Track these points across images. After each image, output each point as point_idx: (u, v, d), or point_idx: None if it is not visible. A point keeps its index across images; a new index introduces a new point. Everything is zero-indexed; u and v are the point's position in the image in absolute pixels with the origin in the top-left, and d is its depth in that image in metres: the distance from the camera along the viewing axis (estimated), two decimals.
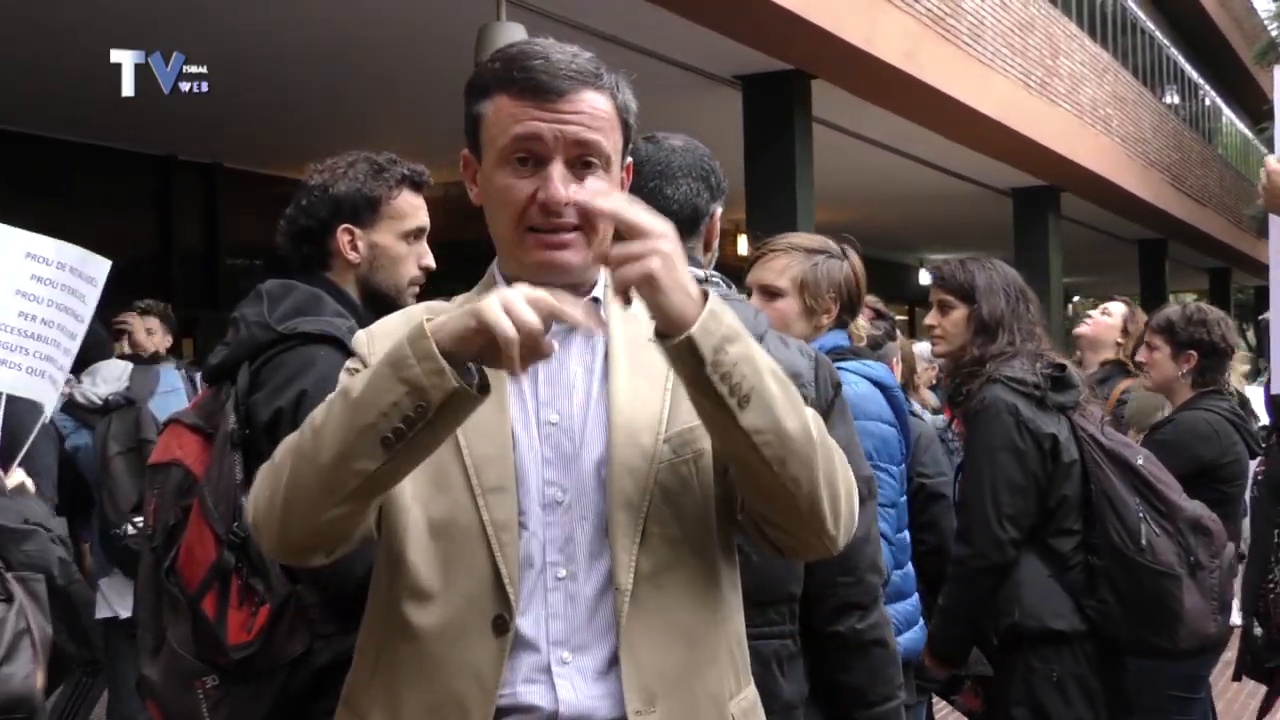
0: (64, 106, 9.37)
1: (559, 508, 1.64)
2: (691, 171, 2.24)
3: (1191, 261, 25.82)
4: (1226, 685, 7.14)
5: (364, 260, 2.59)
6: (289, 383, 2.35)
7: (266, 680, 2.32)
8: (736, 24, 8.49)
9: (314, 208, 2.57)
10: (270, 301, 2.48)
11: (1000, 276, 3.45)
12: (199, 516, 2.40)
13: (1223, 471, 4.04)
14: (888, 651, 2.30)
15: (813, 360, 2.24)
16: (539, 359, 1.46)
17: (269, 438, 2.29)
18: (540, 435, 1.66)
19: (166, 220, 11.88)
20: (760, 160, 9.99)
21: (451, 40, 7.45)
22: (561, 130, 1.61)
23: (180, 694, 2.40)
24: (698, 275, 2.21)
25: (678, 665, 1.63)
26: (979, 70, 12.10)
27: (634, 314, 1.71)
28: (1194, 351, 4.12)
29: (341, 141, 3.13)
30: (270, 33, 8.04)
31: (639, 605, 1.60)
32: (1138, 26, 19.90)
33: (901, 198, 16.03)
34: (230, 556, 2.34)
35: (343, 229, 2.56)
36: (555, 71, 1.63)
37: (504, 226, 1.67)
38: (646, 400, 1.67)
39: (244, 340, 2.46)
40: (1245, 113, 28.91)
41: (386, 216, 2.59)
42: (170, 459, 2.53)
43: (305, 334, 2.38)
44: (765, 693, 2.09)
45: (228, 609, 2.33)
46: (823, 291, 2.87)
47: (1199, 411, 4.09)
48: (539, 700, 1.60)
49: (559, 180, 1.61)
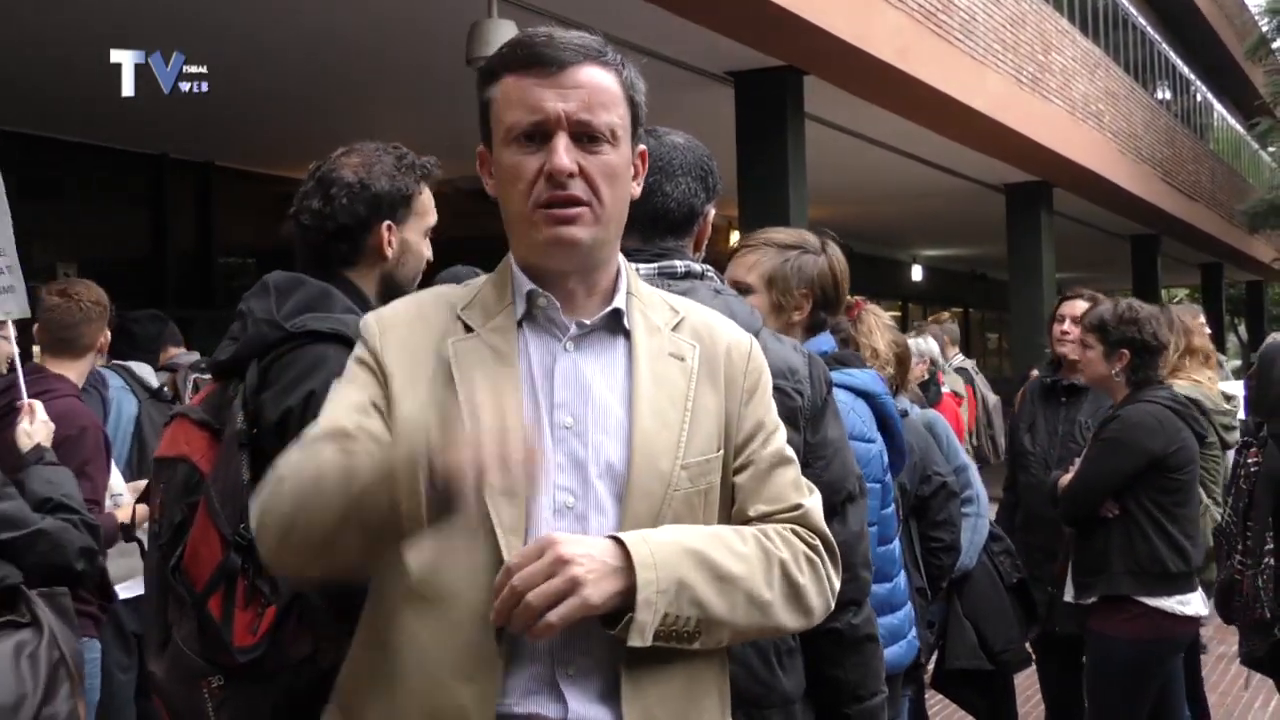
0: (57, 105, 9.35)
1: (570, 513, 1.62)
2: (691, 171, 2.24)
3: (1183, 257, 25.86)
4: (1220, 678, 7.17)
5: (395, 256, 2.54)
6: (298, 382, 2.30)
7: (272, 682, 2.28)
8: (729, 20, 8.49)
9: (354, 205, 2.49)
10: (278, 296, 2.42)
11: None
12: (205, 516, 2.36)
13: (1171, 460, 4.12)
14: (877, 646, 2.32)
15: (806, 357, 2.24)
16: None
17: (277, 437, 2.25)
18: (555, 438, 1.63)
19: (159, 219, 11.85)
20: (753, 156, 9.99)
21: (443, 37, 7.45)
22: (564, 103, 1.61)
23: (185, 692, 2.37)
24: (692, 269, 2.22)
25: (677, 692, 1.63)
26: (971, 66, 12.11)
27: (656, 325, 1.72)
28: (1126, 350, 4.20)
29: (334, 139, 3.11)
30: (262, 31, 8.03)
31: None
32: (1129, 22, 19.92)
33: (894, 194, 16.05)
34: (236, 558, 2.30)
35: (385, 226, 2.50)
36: (557, 45, 1.64)
37: (514, 205, 1.65)
38: (668, 421, 1.66)
39: (252, 337, 2.41)
40: (1237, 108, 28.96)
41: (414, 213, 2.55)
42: (177, 454, 2.48)
43: (315, 332, 2.34)
44: (765, 687, 2.10)
45: (234, 610, 2.30)
46: (792, 288, 2.80)
47: (1141, 405, 4.17)
48: (545, 710, 1.58)
49: (563, 151, 1.60)
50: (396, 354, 1.67)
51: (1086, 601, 4.20)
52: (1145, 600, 4.09)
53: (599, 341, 1.69)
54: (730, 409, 1.72)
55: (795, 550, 1.68)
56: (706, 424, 1.68)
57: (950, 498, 3.90)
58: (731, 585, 1.60)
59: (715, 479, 1.68)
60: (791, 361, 2.20)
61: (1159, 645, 4.14)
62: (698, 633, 1.58)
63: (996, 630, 4.59)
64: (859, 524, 2.27)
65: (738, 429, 1.72)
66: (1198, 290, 30.27)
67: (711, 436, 1.69)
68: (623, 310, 1.70)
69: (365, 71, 9.13)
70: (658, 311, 1.75)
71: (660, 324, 1.72)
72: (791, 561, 1.66)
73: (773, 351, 2.17)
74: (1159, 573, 4.08)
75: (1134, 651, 4.11)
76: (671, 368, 1.68)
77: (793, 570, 1.66)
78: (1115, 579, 4.11)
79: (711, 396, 1.71)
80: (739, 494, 1.72)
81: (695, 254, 2.30)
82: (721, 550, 1.61)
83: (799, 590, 1.67)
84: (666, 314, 1.75)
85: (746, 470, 1.72)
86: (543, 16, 7.62)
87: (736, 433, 1.72)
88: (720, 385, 1.72)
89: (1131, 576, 4.09)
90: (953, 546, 3.76)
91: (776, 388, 2.10)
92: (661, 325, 1.72)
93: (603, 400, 1.65)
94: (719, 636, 1.62)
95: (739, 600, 1.61)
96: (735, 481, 1.72)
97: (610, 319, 1.70)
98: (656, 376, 1.67)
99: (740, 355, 1.76)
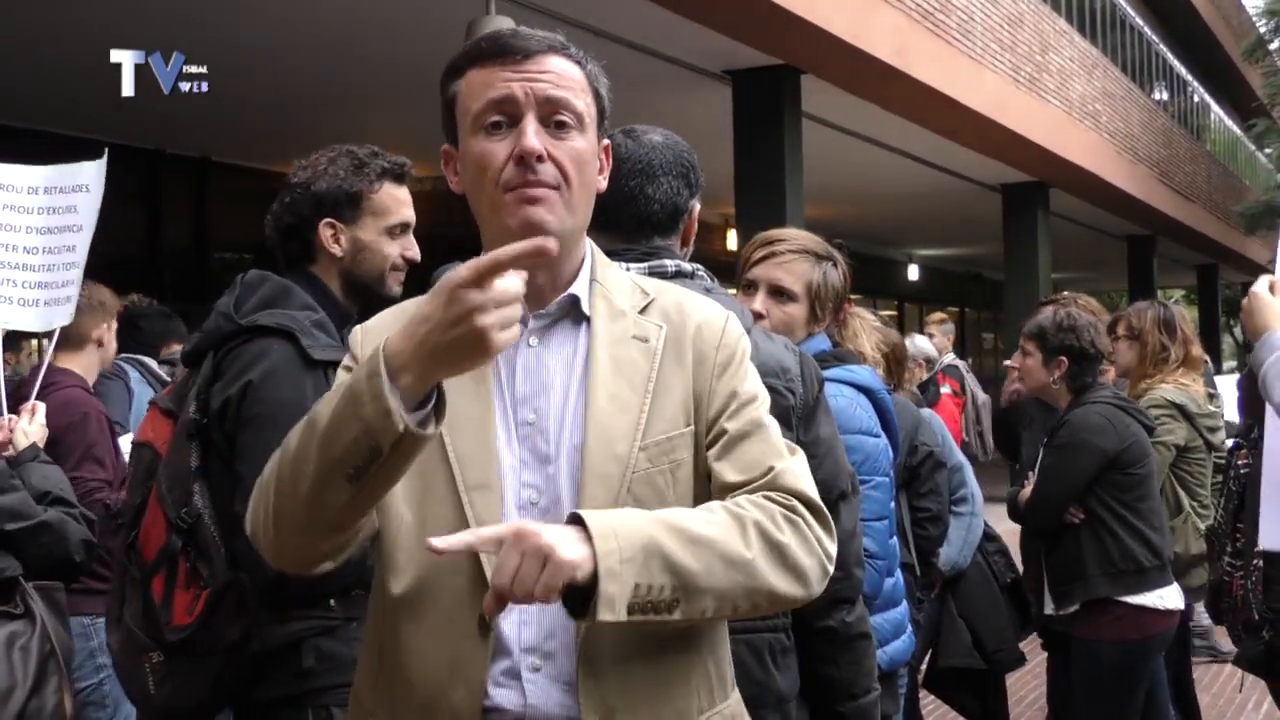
0: (52, 99, 9.34)
1: (534, 509, 1.62)
2: (672, 169, 2.23)
3: (1180, 258, 25.88)
4: (1213, 680, 7.18)
5: (346, 254, 2.63)
6: (240, 374, 2.42)
7: (206, 661, 2.39)
8: (726, 19, 8.49)
9: (297, 204, 2.63)
10: (244, 292, 2.55)
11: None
12: (155, 500, 2.49)
13: (1126, 456, 4.16)
14: (870, 644, 2.33)
15: (797, 356, 2.25)
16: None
17: (219, 428, 2.41)
18: (519, 435, 1.64)
19: (155, 215, 11.83)
20: (750, 155, 9.99)
21: (440, 34, 7.43)
22: (531, 86, 1.62)
23: (131, 666, 2.50)
24: (683, 269, 2.22)
25: (641, 681, 1.60)
26: (968, 66, 12.11)
27: (621, 310, 1.71)
28: (1064, 357, 4.26)
29: (331, 135, 3.13)
30: (259, 27, 8.02)
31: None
32: (1127, 23, 19.93)
33: (890, 193, 16.04)
34: (177, 540, 2.42)
35: (325, 224, 2.61)
36: (523, 36, 1.66)
37: (484, 194, 1.65)
38: (626, 404, 1.64)
39: (210, 330, 2.54)
40: (1234, 109, 28.98)
41: (369, 212, 2.64)
42: (143, 439, 2.64)
43: (263, 326, 2.45)
44: (759, 686, 2.11)
45: (175, 590, 2.42)
46: (827, 299, 2.86)
47: (1087, 408, 4.21)
48: (507, 703, 1.59)
49: (532, 134, 1.61)
50: None
51: (1067, 611, 4.21)
52: (1126, 600, 4.11)
53: (561, 331, 1.69)
54: (699, 385, 1.69)
55: (769, 511, 1.60)
56: (670, 404, 1.66)
57: (937, 467, 3.94)
58: (704, 547, 1.51)
59: (684, 456, 1.65)
60: (784, 360, 2.21)
61: (1146, 644, 4.16)
62: (675, 601, 1.49)
63: (990, 630, 4.61)
64: (852, 522, 2.28)
65: (709, 404, 1.68)
66: (1194, 291, 30.29)
67: (677, 415, 1.66)
68: (580, 297, 1.69)
69: (362, 68, 9.12)
70: (625, 296, 1.73)
71: (626, 308, 1.70)
72: (767, 520, 1.58)
73: (765, 350, 2.17)
74: (1134, 570, 4.10)
75: (1122, 653, 4.12)
76: (633, 350, 1.66)
77: (770, 529, 1.57)
78: (1092, 583, 4.12)
79: (677, 374, 1.68)
80: (714, 467, 1.67)
81: (682, 249, 2.30)
82: (687, 517, 1.55)
83: (782, 548, 1.57)
84: (636, 297, 1.73)
85: (719, 442, 1.67)
86: (541, 14, 7.62)
87: (708, 407, 1.68)
88: (687, 362, 1.69)
89: (1108, 578, 4.11)
90: (939, 516, 3.80)
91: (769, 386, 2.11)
92: (627, 309, 1.70)
93: (563, 391, 1.65)
94: (701, 605, 1.51)
95: (715, 562, 1.51)
96: (709, 455, 1.67)
97: (569, 307, 1.69)
98: (615, 360, 1.66)
99: (712, 331, 1.72)
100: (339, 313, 2.62)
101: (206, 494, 2.43)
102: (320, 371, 2.42)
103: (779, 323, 2.80)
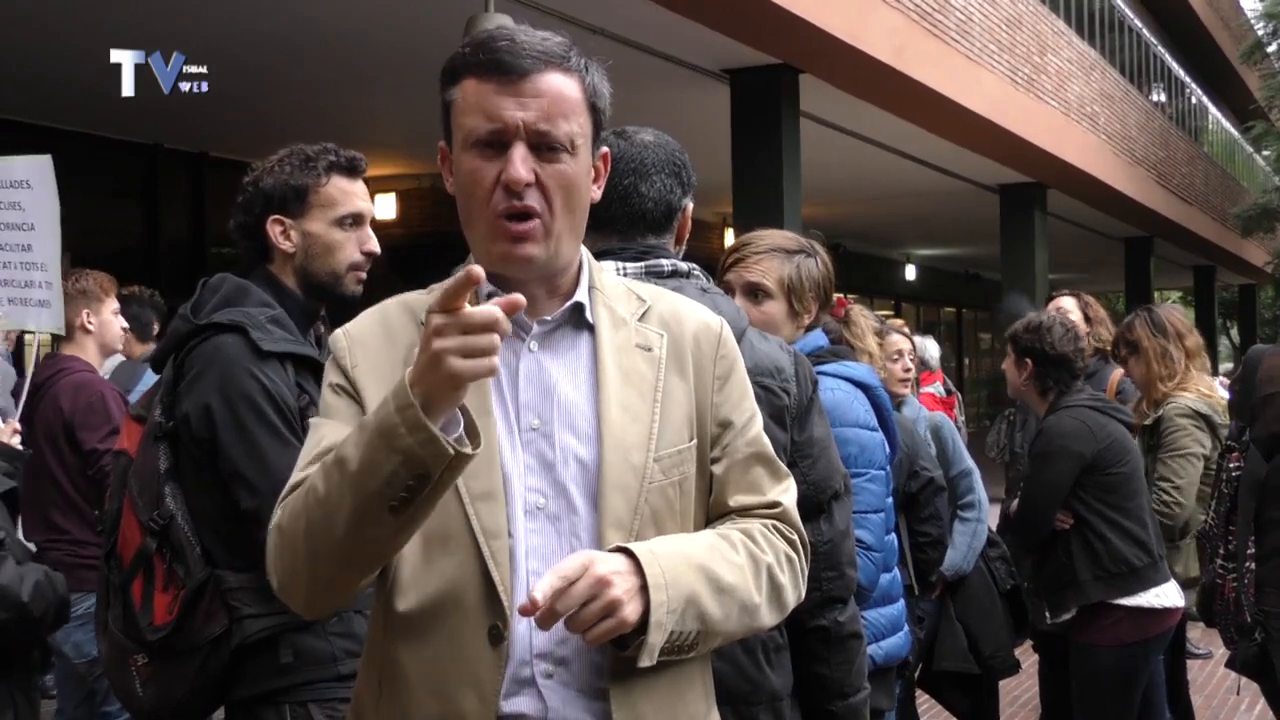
0: (50, 94, 9.33)
1: (540, 514, 1.62)
2: (665, 168, 2.24)
3: (1177, 259, 25.89)
4: (1206, 680, 7.19)
5: (298, 250, 2.65)
6: (200, 375, 2.46)
7: (187, 659, 2.42)
8: (724, 18, 8.49)
9: (248, 203, 2.67)
10: (205, 293, 2.60)
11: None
12: (128, 505, 2.53)
13: (1105, 457, 4.16)
14: (861, 644, 2.34)
15: (793, 356, 2.25)
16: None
17: (186, 429, 2.46)
18: (523, 441, 1.64)
19: (153, 209, 11.83)
20: (747, 154, 9.98)
21: (439, 31, 7.43)
22: (523, 117, 1.61)
23: (118, 669, 2.54)
24: (679, 268, 2.22)
25: (663, 687, 1.64)
26: (966, 66, 12.11)
27: (622, 318, 1.71)
28: (1029, 360, 4.30)
29: (328, 132, 3.13)
30: (257, 23, 8.01)
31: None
32: (1125, 24, 19.94)
33: (888, 193, 16.04)
34: (151, 543, 2.46)
35: (272, 220, 2.64)
36: (519, 52, 1.62)
37: (472, 212, 1.65)
38: (638, 414, 1.65)
39: (171, 333, 2.59)
40: (1231, 111, 29.00)
41: (316, 205, 2.65)
42: (120, 447, 2.69)
43: (217, 324, 2.50)
44: (753, 684, 2.11)
45: (154, 592, 2.45)
46: (805, 292, 2.85)
47: (1060, 414, 4.23)
48: (526, 710, 1.59)
49: (519, 162, 1.60)
50: (367, 370, 1.66)
51: (1063, 618, 4.21)
52: (1122, 602, 4.10)
53: (563, 339, 1.69)
54: (701, 397, 1.71)
55: (778, 551, 1.70)
56: (677, 415, 1.68)
57: (937, 493, 3.95)
58: (729, 596, 1.62)
59: (689, 469, 1.68)
60: (778, 360, 2.21)
61: (1145, 645, 4.15)
62: (695, 644, 1.61)
63: (987, 635, 4.61)
64: (844, 522, 2.29)
65: (711, 417, 1.72)
66: (1191, 293, 30.31)
67: (683, 427, 1.68)
68: (584, 304, 1.70)
69: (360, 63, 9.12)
70: (623, 303, 1.73)
71: (626, 315, 1.71)
72: (775, 564, 1.69)
73: (759, 350, 2.18)
74: (1126, 571, 4.10)
75: (1121, 656, 4.12)
76: (638, 359, 1.67)
77: (776, 572, 1.69)
78: (1085, 589, 4.12)
79: (680, 386, 1.70)
80: (717, 484, 1.72)
81: (676, 248, 2.31)
82: (720, 561, 1.63)
83: (780, 591, 1.70)
84: (633, 304, 1.74)
85: (723, 460, 1.72)
86: (539, 11, 7.62)
87: (710, 421, 1.71)
88: (689, 374, 1.71)
89: (1101, 582, 4.11)
90: (939, 541, 3.80)
91: (764, 386, 2.11)
92: (627, 317, 1.71)
93: (568, 398, 1.65)
94: (711, 644, 1.65)
95: (734, 610, 1.63)
96: (713, 471, 1.72)
97: (573, 314, 1.70)
98: (623, 370, 1.67)
99: (709, 342, 1.75)
100: (300, 309, 2.65)
101: (179, 495, 2.46)
102: (275, 362, 2.47)
103: (758, 322, 2.80)
